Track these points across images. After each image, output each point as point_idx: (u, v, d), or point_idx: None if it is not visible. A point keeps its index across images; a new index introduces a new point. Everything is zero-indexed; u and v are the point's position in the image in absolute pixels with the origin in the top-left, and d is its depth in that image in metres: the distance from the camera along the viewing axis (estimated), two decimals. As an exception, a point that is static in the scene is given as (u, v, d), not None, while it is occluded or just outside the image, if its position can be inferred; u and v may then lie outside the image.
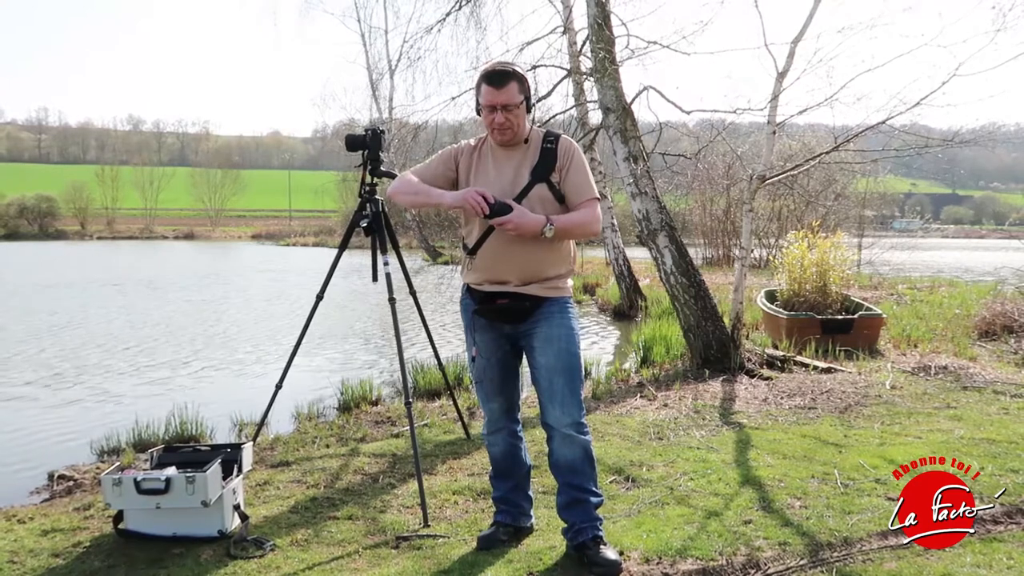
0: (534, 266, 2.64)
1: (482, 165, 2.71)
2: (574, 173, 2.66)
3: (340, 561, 2.78)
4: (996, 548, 2.72)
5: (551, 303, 2.68)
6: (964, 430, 4.33)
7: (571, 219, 2.61)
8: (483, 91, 2.62)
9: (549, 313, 2.67)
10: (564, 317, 2.68)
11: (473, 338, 2.77)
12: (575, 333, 2.70)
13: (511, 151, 2.70)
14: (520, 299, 2.65)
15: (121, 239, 50.21)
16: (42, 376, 7.24)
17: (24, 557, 2.89)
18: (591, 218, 2.64)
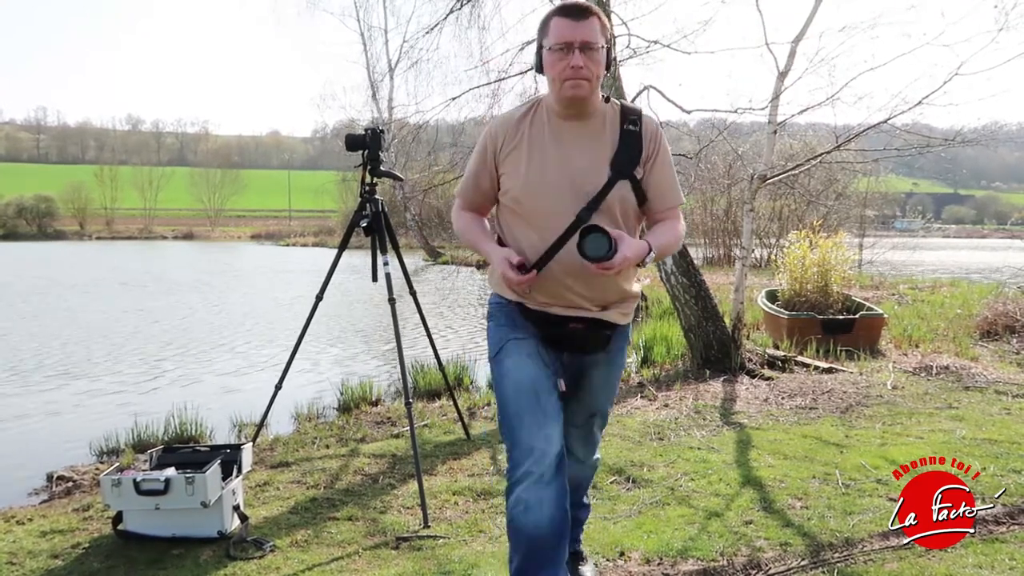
0: (615, 286, 2.04)
1: (538, 147, 1.99)
2: (662, 169, 2.04)
3: (340, 562, 2.77)
4: (998, 549, 2.71)
5: (623, 331, 2.17)
6: (966, 430, 4.33)
7: (666, 241, 2.03)
8: (554, 27, 1.92)
9: (618, 347, 2.17)
10: (623, 350, 2.22)
11: (515, 333, 2.08)
12: (623, 358, 2.27)
13: (580, 126, 1.99)
14: (599, 326, 2.07)
15: (120, 239, 50.21)
16: (42, 376, 7.23)
17: (23, 558, 2.88)
18: (681, 232, 2.08)
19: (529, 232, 2.01)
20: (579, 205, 1.95)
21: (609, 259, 1.81)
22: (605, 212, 1.95)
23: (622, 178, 1.97)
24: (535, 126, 2.01)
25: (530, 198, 1.99)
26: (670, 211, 2.07)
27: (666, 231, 2.04)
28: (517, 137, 2.01)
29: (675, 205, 2.09)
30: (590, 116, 1.99)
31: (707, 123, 8.58)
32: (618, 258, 1.81)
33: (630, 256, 1.84)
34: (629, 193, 1.99)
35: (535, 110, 2.03)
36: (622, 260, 1.82)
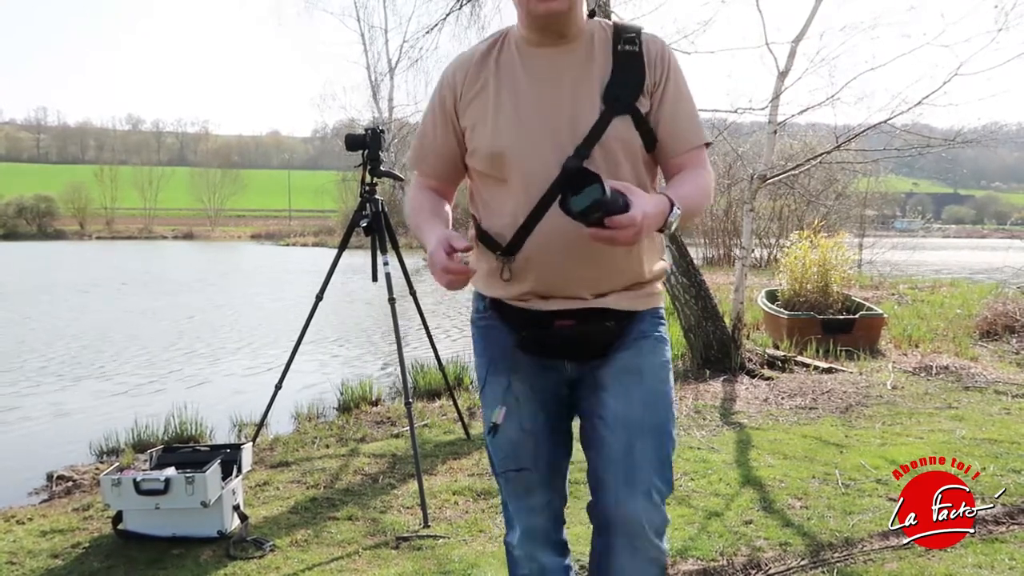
0: (622, 263, 1.52)
1: (508, 86, 1.51)
2: (676, 100, 1.52)
3: (340, 562, 2.77)
4: (998, 549, 2.71)
5: (643, 319, 1.60)
6: (966, 430, 4.33)
7: (690, 193, 1.49)
8: None
9: (639, 334, 1.58)
10: (659, 340, 1.61)
11: (500, 389, 1.59)
12: (670, 365, 1.63)
13: (560, 54, 1.51)
14: (597, 318, 1.53)
15: (120, 239, 50.20)
16: (41, 376, 7.23)
17: (23, 558, 2.88)
18: (710, 184, 1.57)
19: (504, 203, 1.51)
20: (566, 154, 1.45)
21: (609, 214, 1.25)
22: (602, 159, 1.46)
23: (620, 112, 1.47)
24: (503, 63, 1.53)
25: (503, 155, 1.48)
26: (691, 156, 1.54)
27: (689, 182, 1.50)
28: (481, 79, 1.53)
29: (697, 146, 1.54)
30: (572, 39, 1.50)
31: (707, 123, 8.57)
32: (631, 214, 1.26)
33: (649, 211, 1.30)
34: (632, 132, 1.48)
35: (501, 43, 1.55)
36: (637, 218, 1.26)
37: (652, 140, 1.52)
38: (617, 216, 1.26)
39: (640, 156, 1.52)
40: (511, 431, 1.59)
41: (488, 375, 1.62)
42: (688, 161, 1.54)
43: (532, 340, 1.56)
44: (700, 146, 1.55)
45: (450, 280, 1.39)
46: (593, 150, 1.45)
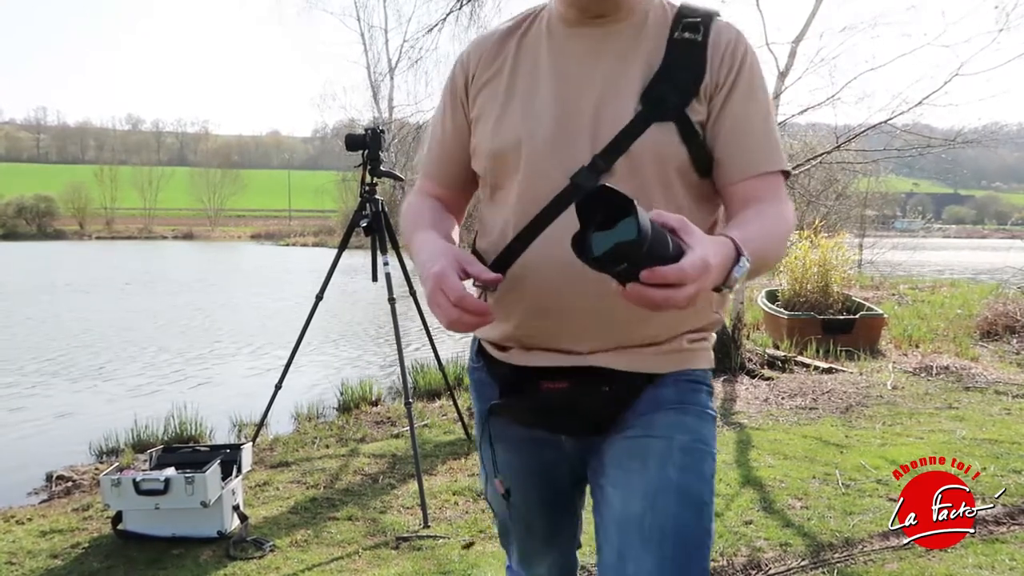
0: (641, 311, 0.87)
1: (525, 72, 1.19)
2: (745, 107, 1.14)
3: (340, 562, 2.77)
4: (999, 549, 2.71)
5: (665, 383, 1.17)
6: (966, 430, 4.33)
7: (766, 235, 1.07)
8: None
9: (656, 404, 1.16)
10: (684, 411, 1.17)
11: (487, 458, 1.26)
12: (704, 447, 1.16)
13: (601, 36, 1.16)
14: (592, 381, 1.15)
15: (120, 239, 50.21)
16: (41, 376, 7.23)
17: (23, 558, 2.88)
18: (788, 224, 1.14)
19: (496, 218, 1.19)
20: (580, 163, 1.10)
21: (650, 262, 0.80)
22: (626, 176, 1.08)
23: (662, 118, 1.09)
24: (526, 44, 1.20)
25: (503, 155, 1.16)
26: (761, 185, 1.12)
27: (757, 220, 1.07)
28: (497, 62, 1.21)
29: (769, 172, 1.13)
30: (619, 18, 1.15)
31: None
32: (683, 266, 0.82)
33: (712, 260, 0.86)
34: (675, 145, 1.10)
35: (532, 21, 1.23)
36: (691, 271, 0.82)
37: (706, 159, 1.11)
38: (663, 268, 0.80)
39: (681, 179, 1.11)
40: (497, 504, 1.31)
41: (480, 434, 1.29)
42: (757, 192, 1.10)
43: (506, 407, 1.19)
44: (774, 172, 1.12)
45: (458, 318, 1.00)
46: (616, 163, 1.08)
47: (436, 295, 1.01)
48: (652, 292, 0.81)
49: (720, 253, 0.90)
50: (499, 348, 1.22)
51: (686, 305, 0.82)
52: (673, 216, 0.85)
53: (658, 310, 0.82)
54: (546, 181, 1.12)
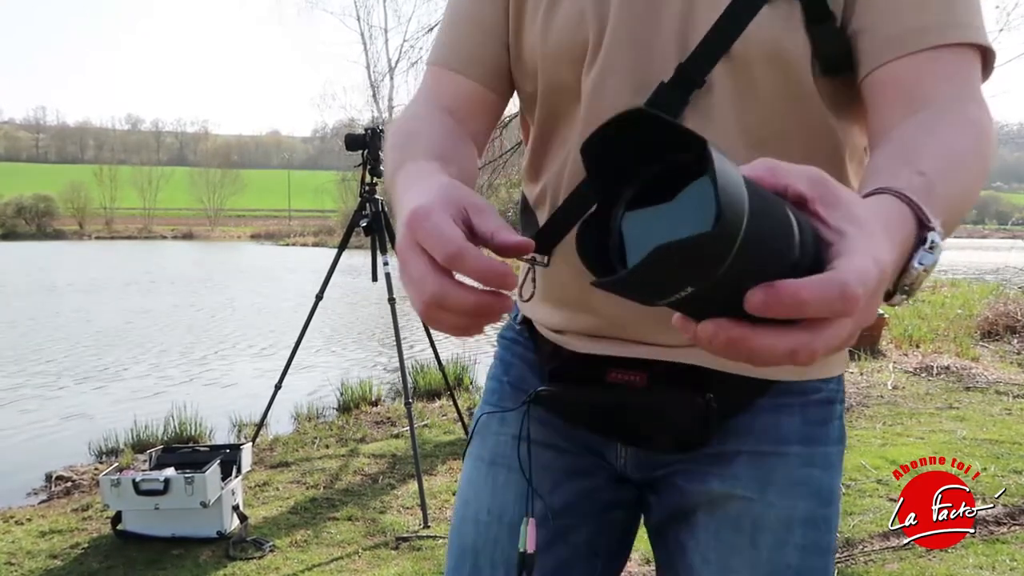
0: None
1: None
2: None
3: (340, 562, 2.77)
4: (999, 550, 2.71)
5: (789, 404, 0.81)
6: (966, 431, 4.33)
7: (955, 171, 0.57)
8: None
9: (774, 436, 0.80)
10: (811, 458, 0.80)
11: (529, 471, 0.85)
12: (834, 507, 0.82)
13: None
14: (684, 383, 0.78)
15: (120, 239, 50.23)
16: (41, 376, 7.23)
17: (22, 558, 2.88)
18: (985, 144, 0.60)
19: (549, 160, 0.83)
20: (663, 76, 0.72)
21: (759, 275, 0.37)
22: (730, 97, 0.71)
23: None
24: None
25: (555, 65, 0.79)
26: (933, 65, 0.64)
27: (939, 139, 0.59)
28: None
29: (948, 43, 0.64)
30: None
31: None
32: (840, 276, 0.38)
33: (884, 258, 0.42)
34: (796, 36, 0.69)
35: None
36: (866, 277, 0.39)
37: (839, 55, 0.68)
38: (790, 285, 0.37)
39: (819, 95, 0.70)
40: (478, 469, 0.96)
41: (495, 378, 0.96)
42: (922, 82, 0.64)
43: (558, 397, 0.84)
44: (956, 46, 0.65)
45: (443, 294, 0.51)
46: (711, 74, 0.70)
47: (408, 254, 0.51)
48: (764, 338, 0.38)
49: (895, 238, 0.47)
50: (557, 328, 0.87)
51: (834, 351, 0.41)
52: (800, 172, 0.42)
53: (777, 364, 0.40)
54: (619, 104, 0.72)
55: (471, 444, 0.98)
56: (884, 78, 0.65)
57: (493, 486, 0.91)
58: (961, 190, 0.57)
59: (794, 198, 0.41)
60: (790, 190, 0.41)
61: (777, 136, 0.71)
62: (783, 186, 0.41)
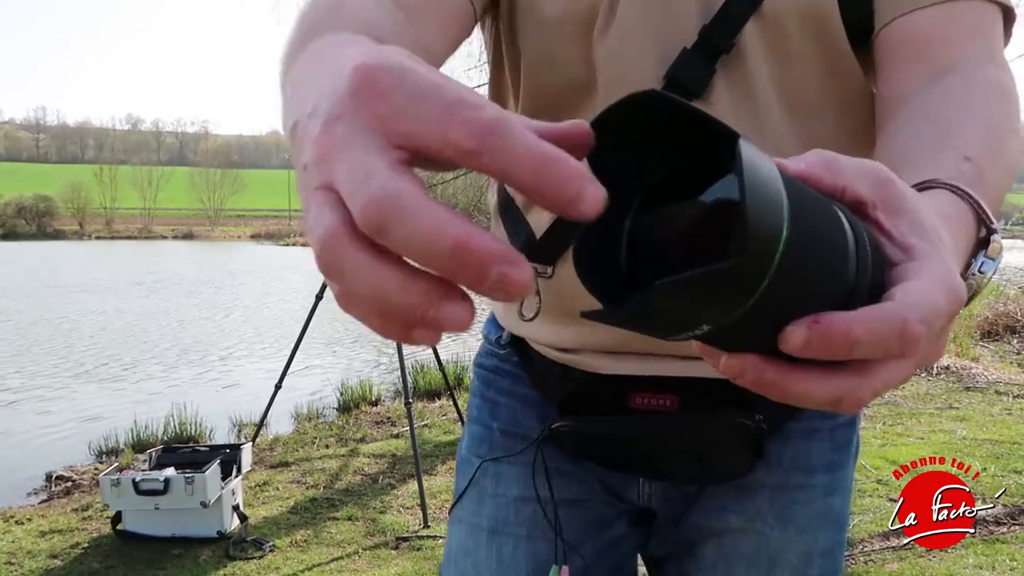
0: None
1: None
2: None
3: (340, 562, 2.77)
4: (999, 549, 2.71)
5: (821, 428, 0.74)
6: (966, 431, 4.33)
7: (994, 149, 0.48)
8: None
9: (798, 463, 0.73)
10: (838, 475, 0.75)
11: (557, 525, 0.74)
12: (846, 531, 0.79)
13: None
14: (725, 404, 0.65)
15: (120, 239, 50.25)
16: (41, 375, 7.23)
17: (22, 558, 2.88)
18: (1014, 111, 0.52)
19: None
20: (686, 42, 0.61)
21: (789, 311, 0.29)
22: (765, 62, 0.62)
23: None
24: None
25: (563, 39, 0.65)
26: (956, 18, 0.56)
27: (975, 110, 0.51)
28: None
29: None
30: None
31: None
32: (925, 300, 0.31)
33: (954, 284, 0.33)
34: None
35: None
36: (935, 306, 0.31)
37: (865, 16, 0.60)
38: (845, 319, 0.29)
39: (850, 59, 0.62)
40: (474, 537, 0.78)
41: (479, 423, 0.81)
42: (942, 34, 0.57)
43: (578, 437, 0.73)
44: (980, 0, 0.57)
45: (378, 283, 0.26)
46: (740, 36, 0.61)
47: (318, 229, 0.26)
48: (803, 383, 0.31)
49: (959, 245, 0.39)
50: (565, 349, 0.73)
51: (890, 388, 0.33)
52: (862, 170, 0.34)
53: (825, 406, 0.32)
54: (637, 78, 0.62)
55: (462, 506, 0.80)
56: (898, 34, 0.58)
57: (499, 560, 0.76)
58: (1004, 174, 0.50)
59: (852, 202, 0.33)
60: (848, 192, 0.33)
61: (817, 108, 0.63)
62: (840, 187, 0.33)
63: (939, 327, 0.32)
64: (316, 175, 0.26)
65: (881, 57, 0.59)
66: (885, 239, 0.34)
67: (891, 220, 0.34)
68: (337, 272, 0.26)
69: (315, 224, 0.26)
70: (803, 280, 0.29)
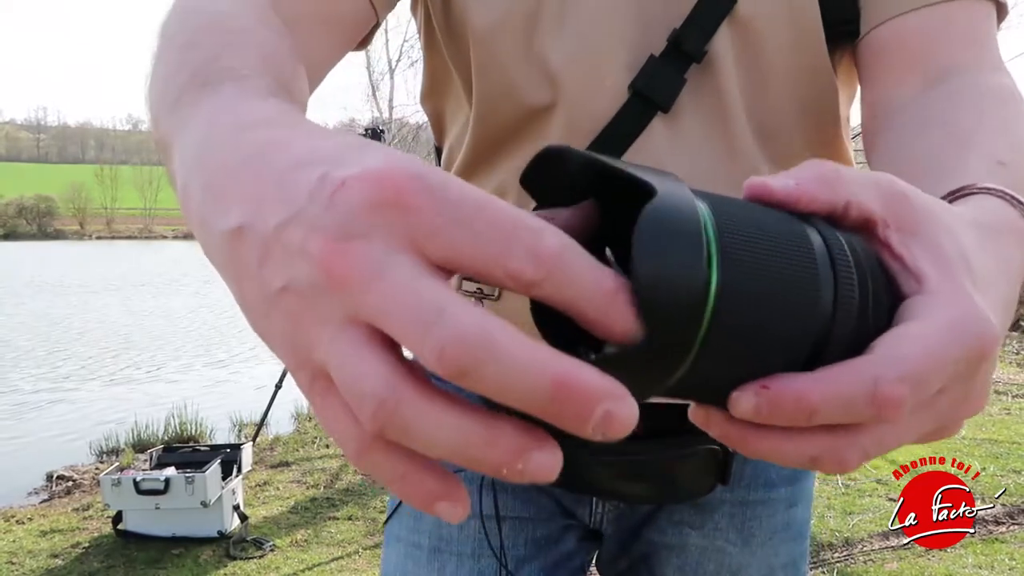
0: None
1: None
2: None
3: (340, 561, 2.77)
4: (998, 549, 2.71)
5: None
6: (966, 430, 4.33)
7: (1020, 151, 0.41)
8: None
9: (759, 479, 0.71)
10: (799, 485, 0.73)
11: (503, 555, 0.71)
12: (807, 541, 0.76)
13: None
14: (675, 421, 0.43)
15: (120, 239, 50.27)
16: (41, 375, 7.24)
17: (23, 558, 2.88)
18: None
19: (509, 156, 0.61)
20: (653, 49, 0.55)
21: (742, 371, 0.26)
22: (736, 74, 0.56)
23: None
24: None
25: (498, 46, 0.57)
26: (953, 20, 0.52)
27: (997, 118, 0.45)
28: None
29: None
30: None
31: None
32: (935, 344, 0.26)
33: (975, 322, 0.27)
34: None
35: None
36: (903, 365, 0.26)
37: (850, 19, 0.55)
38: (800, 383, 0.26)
39: (828, 73, 0.57)
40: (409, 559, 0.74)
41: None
42: (937, 38, 0.52)
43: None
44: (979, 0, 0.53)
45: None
46: (711, 44, 0.55)
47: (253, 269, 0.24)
48: (769, 441, 0.27)
49: (1009, 256, 0.33)
50: None
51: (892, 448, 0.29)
52: (870, 183, 0.30)
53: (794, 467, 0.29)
54: (599, 92, 0.56)
55: (399, 522, 0.75)
56: (889, 37, 0.53)
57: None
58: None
59: (858, 221, 0.29)
60: (854, 209, 0.28)
61: (788, 125, 0.58)
62: (842, 204, 0.28)
63: (943, 380, 0.26)
64: (333, 305, 0.22)
65: (869, 61, 0.55)
66: (898, 266, 0.28)
67: (904, 242, 0.28)
68: (400, 430, 0.21)
69: (357, 373, 0.21)
70: (747, 339, 0.25)
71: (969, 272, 0.28)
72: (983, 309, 0.27)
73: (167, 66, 0.38)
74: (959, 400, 0.28)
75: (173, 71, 0.36)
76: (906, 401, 0.25)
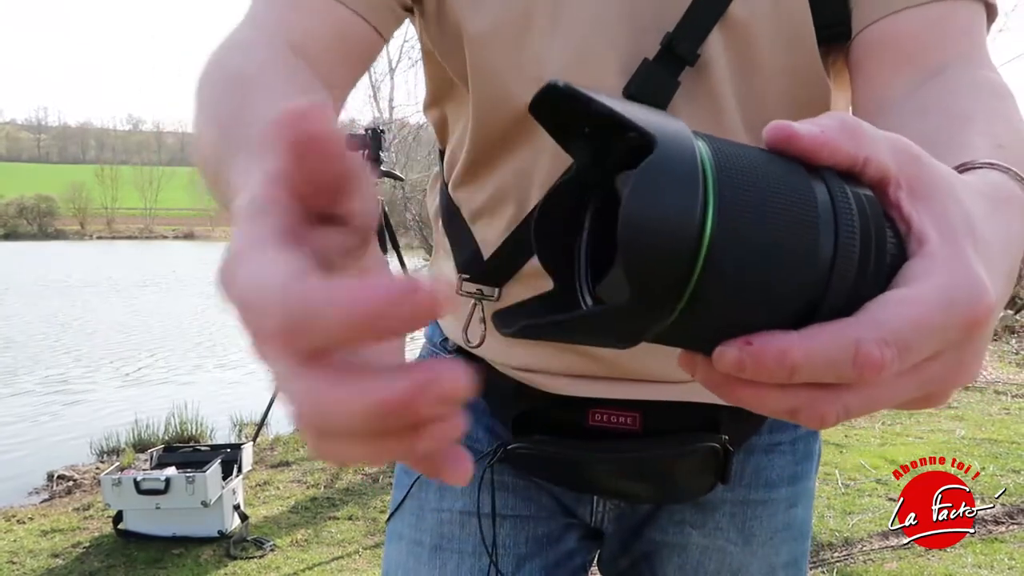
0: None
1: None
2: None
3: (340, 561, 2.78)
4: (997, 548, 2.72)
5: (783, 440, 0.72)
6: (965, 430, 4.33)
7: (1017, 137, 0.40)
8: None
9: (759, 478, 0.72)
10: (800, 486, 0.74)
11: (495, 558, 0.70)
12: (808, 542, 0.77)
13: None
14: (692, 426, 0.64)
15: (121, 239, 50.28)
16: (41, 375, 7.24)
17: (23, 557, 2.89)
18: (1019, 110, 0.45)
19: (505, 166, 0.62)
20: (647, 51, 0.56)
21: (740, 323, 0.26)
22: (727, 73, 0.57)
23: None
24: None
25: (494, 50, 0.58)
26: (943, 18, 0.52)
27: (993, 106, 0.45)
28: None
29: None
30: None
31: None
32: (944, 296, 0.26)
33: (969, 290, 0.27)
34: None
35: None
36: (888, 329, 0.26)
37: (842, 21, 0.56)
38: (782, 341, 0.26)
39: (820, 76, 0.58)
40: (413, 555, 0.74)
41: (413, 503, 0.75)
42: (930, 37, 0.52)
43: (533, 459, 0.68)
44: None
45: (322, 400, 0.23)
46: (706, 44, 0.56)
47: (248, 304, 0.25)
48: (751, 388, 0.27)
49: (1015, 230, 0.33)
50: (519, 367, 0.68)
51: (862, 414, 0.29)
52: (887, 141, 0.29)
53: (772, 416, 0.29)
54: (609, 85, 0.56)
55: (401, 519, 0.75)
56: (881, 35, 0.53)
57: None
58: None
59: (875, 178, 0.28)
60: (871, 165, 0.28)
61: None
62: (862, 158, 0.28)
63: (933, 346, 0.26)
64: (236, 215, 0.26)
65: (862, 59, 0.54)
66: (905, 227, 0.28)
67: (914, 204, 0.28)
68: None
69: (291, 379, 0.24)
70: (741, 289, 0.25)
71: (973, 239, 0.28)
72: (980, 276, 0.27)
73: (205, 116, 0.46)
74: (951, 367, 0.28)
75: (207, 127, 0.44)
76: (887, 365, 0.25)
